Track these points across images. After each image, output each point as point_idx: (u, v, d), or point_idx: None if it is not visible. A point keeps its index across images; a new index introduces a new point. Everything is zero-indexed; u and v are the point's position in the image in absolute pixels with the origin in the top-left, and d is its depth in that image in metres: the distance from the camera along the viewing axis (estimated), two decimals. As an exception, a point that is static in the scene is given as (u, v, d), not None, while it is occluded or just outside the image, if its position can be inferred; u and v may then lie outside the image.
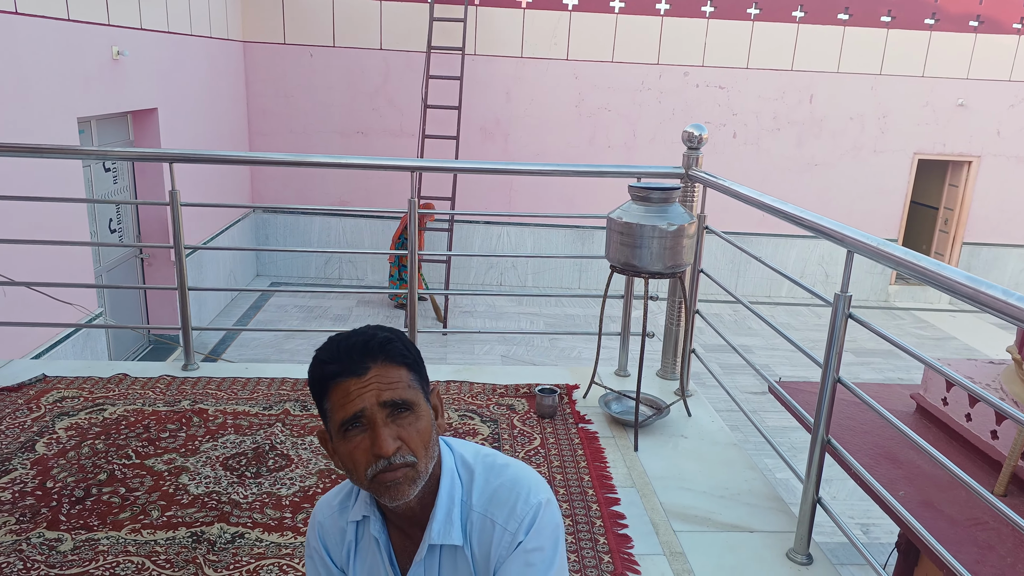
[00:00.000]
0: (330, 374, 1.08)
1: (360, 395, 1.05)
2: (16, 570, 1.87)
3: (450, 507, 1.13)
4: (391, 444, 1.05)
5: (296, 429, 2.64)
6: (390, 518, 1.19)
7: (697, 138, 2.94)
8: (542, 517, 1.12)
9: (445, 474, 1.15)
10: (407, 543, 1.18)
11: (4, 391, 2.83)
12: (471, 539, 1.13)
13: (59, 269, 4.84)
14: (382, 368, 1.07)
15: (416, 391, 1.11)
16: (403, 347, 1.12)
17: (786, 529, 2.20)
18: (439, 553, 1.14)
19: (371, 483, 1.07)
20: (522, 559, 1.10)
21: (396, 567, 1.18)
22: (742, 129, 9.14)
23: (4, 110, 4.43)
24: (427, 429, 1.10)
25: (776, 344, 7.86)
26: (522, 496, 1.13)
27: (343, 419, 1.06)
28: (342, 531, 1.23)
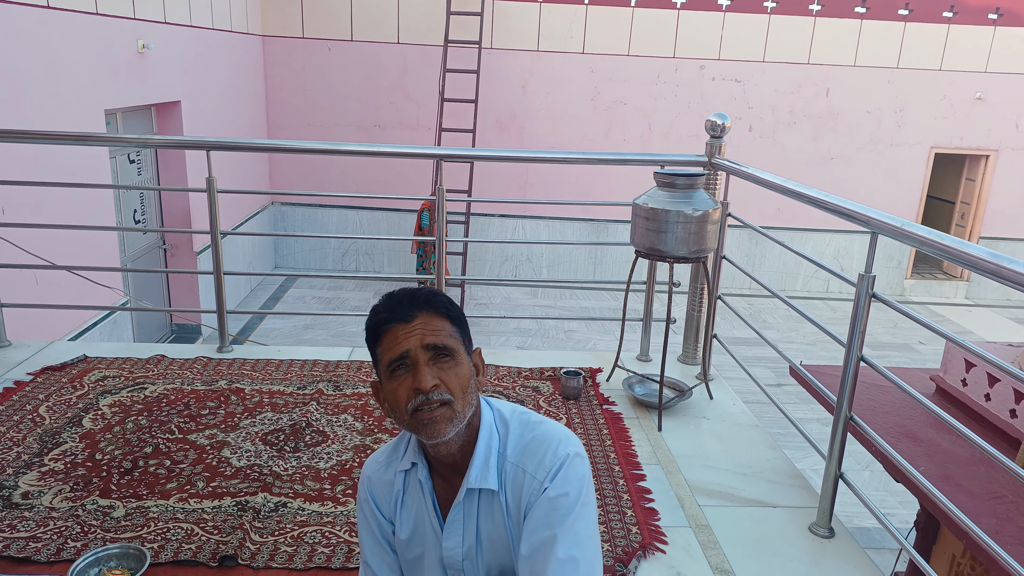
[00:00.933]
0: (381, 321, 1.21)
1: (406, 338, 1.18)
2: (75, 533, 1.96)
3: (487, 456, 1.23)
4: (429, 380, 1.16)
5: (330, 408, 2.73)
6: (434, 467, 1.29)
7: (720, 127, 3.00)
8: (568, 467, 1.21)
9: (484, 426, 1.25)
10: (449, 491, 1.28)
11: (49, 370, 2.93)
12: (506, 488, 1.23)
13: (87, 258, 4.96)
14: (426, 317, 1.20)
15: (456, 341, 1.22)
16: (447, 301, 1.25)
17: (808, 505, 2.26)
18: (477, 497, 1.24)
19: (411, 419, 1.18)
20: (548, 504, 1.18)
21: (438, 510, 1.28)
22: (758, 123, 9.15)
23: (36, 101, 4.55)
24: (465, 375, 1.21)
25: (790, 337, 7.90)
26: (551, 448, 1.22)
27: (391, 359, 1.19)
28: (390, 483, 1.33)
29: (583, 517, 1.20)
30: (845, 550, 2.07)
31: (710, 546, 2.05)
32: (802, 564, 2.00)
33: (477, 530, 1.25)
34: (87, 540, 1.94)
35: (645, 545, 2.01)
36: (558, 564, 1.15)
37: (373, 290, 8.91)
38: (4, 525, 1.99)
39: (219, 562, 1.88)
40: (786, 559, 2.01)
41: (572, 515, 1.19)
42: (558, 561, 1.15)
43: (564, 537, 1.17)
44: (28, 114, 4.42)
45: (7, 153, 3.80)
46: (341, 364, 3.14)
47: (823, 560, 2.03)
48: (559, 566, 1.15)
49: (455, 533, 1.25)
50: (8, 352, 3.14)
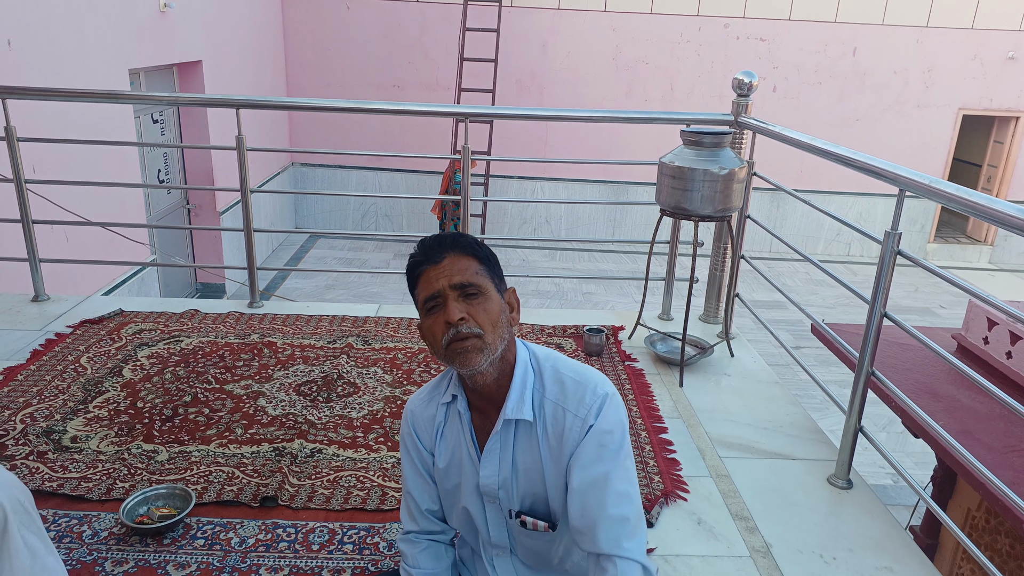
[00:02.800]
0: (416, 264, 1.31)
1: (437, 278, 1.27)
2: (122, 475, 2.06)
3: (523, 390, 1.31)
4: (457, 313, 1.24)
5: (360, 361, 2.80)
6: (472, 402, 1.37)
7: (747, 85, 2.98)
8: (609, 406, 1.28)
9: (519, 363, 1.33)
10: (486, 423, 1.36)
11: (87, 323, 3.03)
12: (545, 423, 1.30)
13: (115, 218, 5.04)
14: (454, 257, 1.28)
15: (485, 279, 1.29)
16: (474, 242, 1.31)
17: (827, 458, 2.31)
18: (514, 428, 1.32)
19: (447, 351, 1.26)
20: (596, 440, 1.26)
21: (475, 441, 1.36)
22: (783, 83, 9.01)
23: (63, 62, 4.59)
24: (495, 311, 1.28)
25: (810, 300, 7.89)
26: (590, 388, 1.29)
27: (424, 298, 1.28)
28: (431, 417, 1.41)
29: (629, 454, 1.30)
30: (863, 500, 2.13)
31: (730, 495, 2.11)
32: (820, 513, 2.06)
33: (513, 460, 1.32)
34: (134, 481, 2.04)
35: (667, 493, 2.08)
36: (615, 496, 1.25)
37: (393, 251, 8.99)
38: (57, 466, 2.09)
39: (260, 503, 1.97)
40: (804, 508, 2.08)
41: (621, 452, 1.27)
42: (616, 493, 1.25)
43: (616, 472, 1.26)
44: (56, 75, 4.46)
45: (36, 112, 3.85)
46: (369, 320, 3.21)
47: (841, 509, 2.09)
48: (616, 498, 1.25)
49: (492, 462, 1.33)
50: (47, 306, 3.24)
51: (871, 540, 1.96)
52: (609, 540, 1.24)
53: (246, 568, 1.75)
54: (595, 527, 1.25)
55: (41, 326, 3.03)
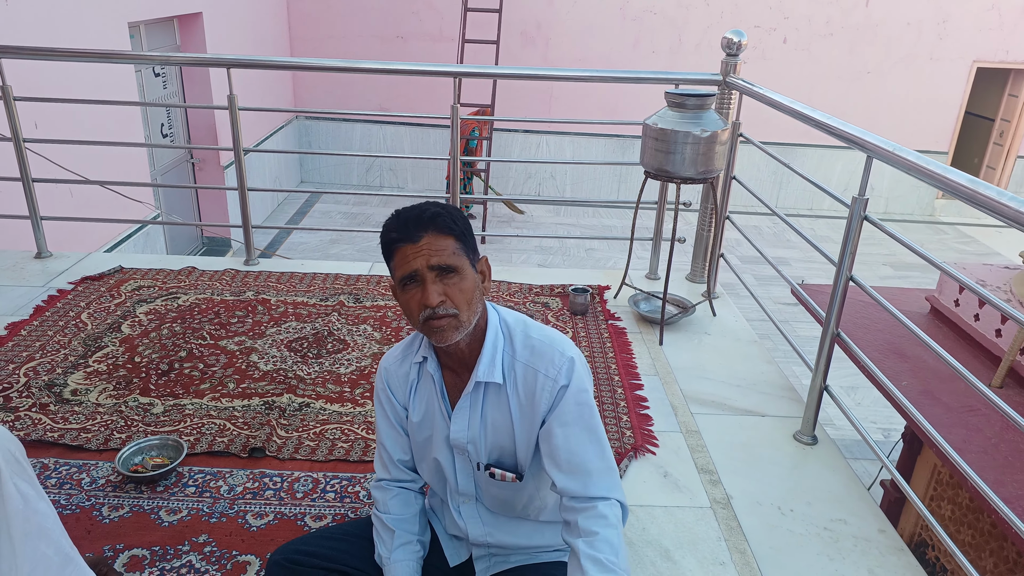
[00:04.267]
0: (392, 240, 1.34)
1: (415, 257, 1.31)
2: (119, 426, 2.18)
3: (493, 354, 1.39)
4: (435, 298, 1.30)
5: (351, 319, 2.89)
6: (444, 361, 1.45)
7: (736, 44, 2.97)
8: (577, 366, 1.38)
9: (490, 328, 1.40)
10: (457, 382, 1.44)
11: (88, 280, 3.13)
12: (516, 383, 1.39)
13: (118, 171, 5.10)
14: (432, 237, 1.31)
15: (461, 257, 1.34)
16: (451, 220, 1.34)
17: (796, 415, 2.40)
18: (483, 389, 1.41)
19: (423, 326, 1.33)
20: (573, 399, 1.36)
21: (447, 398, 1.45)
22: (793, 34, 8.82)
23: (58, 14, 4.59)
24: (470, 289, 1.34)
25: (812, 256, 7.88)
26: (558, 350, 1.38)
27: (402, 276, 1.33)
28: (405, 375, 1.50)
29: (596, 411, 1.40)
30: (826, 456, 2.22)
31: (698, 449, 2.20)
32: (783, 468, 2.16)
33: (482, 417, 1.41)
34: (131, 432, 2.16)
35: (637, 447, 2.17)
36: (599, 448, 1.36)
37: (397, 206, 9.00)
38: (58, 418, 2.21)
39: (249, 453, 2.09)
40: (768, 463, 2.17)
41: (592, 407, 1.38)
42: (598, 445, 1.37)
43: (596, 427, 1.38)
44: (55, 27, 4.47)
45: (36, 68, 3.89)
46: (361, 278, 3.29)
47: (804, 464, 2.18)
48: (600, 449, 1.37)
49: (462, 419, 1.42)
50: (50, 262, 3.34)
51: (830, 494, 2.06)
52: (601, 487, 1.35)
53: (233, 514, 1.87)
54: (587, 478, 1.34)
55: (44, 282, 3.14)
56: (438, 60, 8.90)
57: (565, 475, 1.35)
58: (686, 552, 1.81)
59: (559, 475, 1.36)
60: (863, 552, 1.85)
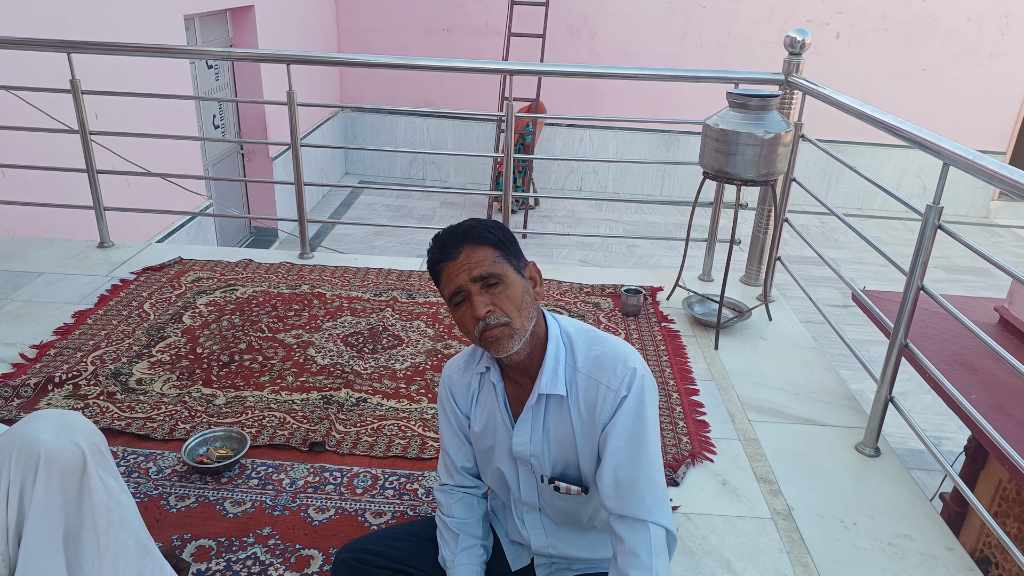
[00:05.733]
0: (435, 261, 1.36)
1: (456, 274, 1.32)
2: (183, 416, 2.23)
3: (555, 365, 1.38)
4: (483, 308, 1.30)
5: (404, 314, 2.92)
6: (506, 372, 1.45)
7: (800, 43, 2.90)
8: (641, 379, 1.35)
9: (551, 339, 1.39)
10: (519, 393, 1.44)
11: (149, 270, 3.21)
12: (577, 396, 1.37)
13: (172, 161, 5.21)
14: (470, 250, 1.32)
15: (503, 264, 1.33)
16: (485, 230, 1.35)
17: (856, 425, 2.35)
18: (546, 402, 1.40)
19: (480, 340, 1.34)
20: (629, 410, 1.33)
21: (509, 409, 1.45)
22: (846, 29, 8.60)
23: (121, 9, 4.70)
24: (518, 295, 1.33)
25: (863, 258, 7.71)
26: (621, 361, 1.36)
27: (449, 294, 1.34)
28: (467, 384, 1.50)
29: (657, 426, 1.38)
30: (889, 469, 2.17)
31: (757, 458, 2.17)
32: (845, 479, 2.11)
33: (544, 429, 1.40)
34: (194, 423, 2.21)
35: (694, 454, 2.15)
36: (648, 465, 1.33)
37: (440, 200, 9.06)
38: (124, 406, 2.27)
39: (309, 447, 2.12)
40: (829, 474, 2.13)
41: (654, 423, 1.36)
42: (648, 463, 1.33)
43: (650, 443, 1.34)
44: (113, 23, 4.58)
45: (95, 59, 3.97)
46: (413, 274, 3.31)
47: (866, 477, 2.13)
48: (649, 467, 1.33)
49: (524, 431, 1.41)
50: (112, 252, 3.43)
51: (893, 508, 2.01)
52: (643, 507, 1.31)
53: (296, 507, 1.90)
54: (628, 495, 1.32)
55: (107, 272, 3.22)
56: (483, 53, 8.89)
57: (607, 487, 1.34)
58: (747, 564, 1.79)
59: (602, 486, 1.34)
60: (930, 570, 1.81)
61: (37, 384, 2.33)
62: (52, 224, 3.93)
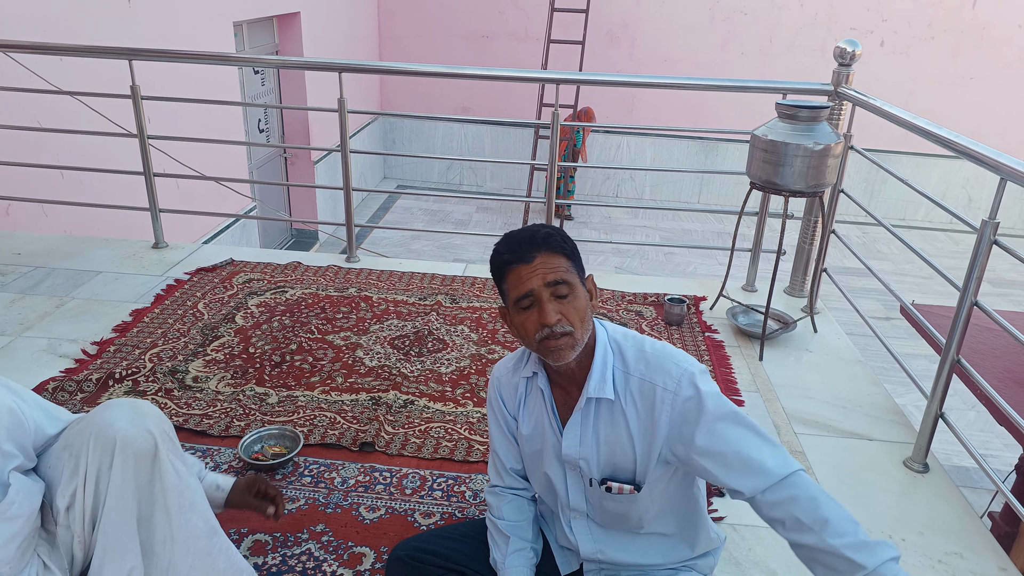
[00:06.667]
0: (505, 262, 1.37)
1: (529, 278, 1.33)
2: (238, 414, 2.30)
3: (604, 370, 1.40)
4: (553, 316, 1.32)
5: (448, 319, 2.96)
6: (553, 377, 1.47)
7: (850, 54, 2.88)
8: (698, 375, 1.36)
9: (599, 345, 1.41)
10: (566, 398, 1.46)
11: (203, 271, 3.31)
12: (633, 399, 1.39)
13: (219, 163, 5.34)
14: (545, 256, 1.34)
15: (573, 275, 1.36)
16: (562, 240, 1.38)
17: (905, 440, 2.32)
18: (595, 406, 1.42)
19: (539, 345, 1.36)
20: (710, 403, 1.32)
21: (557, 414, 1.47)
22: (891, 37, 8.48)
23: (175, 18, 4.85)
24: (583, 307, 1.36)
25: (906, 270, 7.58)
26: (675, 362, 1.38)
27: (517, 297, 1.35)
28: (515, 386, 1.53)
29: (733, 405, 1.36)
30: (938, 485, 2.15)
31: (803, 471, 2.16)
32: (893, 495, 2.10)
33: (594, 433, 1.43)
34: (249, 421, 2.28)
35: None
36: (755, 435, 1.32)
37: (476, 204, 9.12)
38: (182, 403, 2.35)
39: (359, 447, 2.17)
40: (877, 489, 2.11)
41: (726, 401, 1.34)
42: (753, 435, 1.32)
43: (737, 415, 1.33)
44: (169, 30, 4.72)
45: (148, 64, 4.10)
46: (457, 279, 3.36)
47: (914, 493, 2.11)
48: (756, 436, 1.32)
49: (573, 435, 1.43)
50: (166, 253, 3.54)
51: (943, 525, 1.99)
52: (779, 469, 1.29)
53: (348, 506, 1.95)
54: (762, 467, 1.29)
55: (162, 272, 3.33)
56: (522, 60, 8.95)
57: (742, 475, 1.30)
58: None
59: (737, 478, 1.31)
60: (982, 589, 1.79)
61: (99, 380, 2.42)
62: (106, 224, 4.07)
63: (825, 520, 1.25)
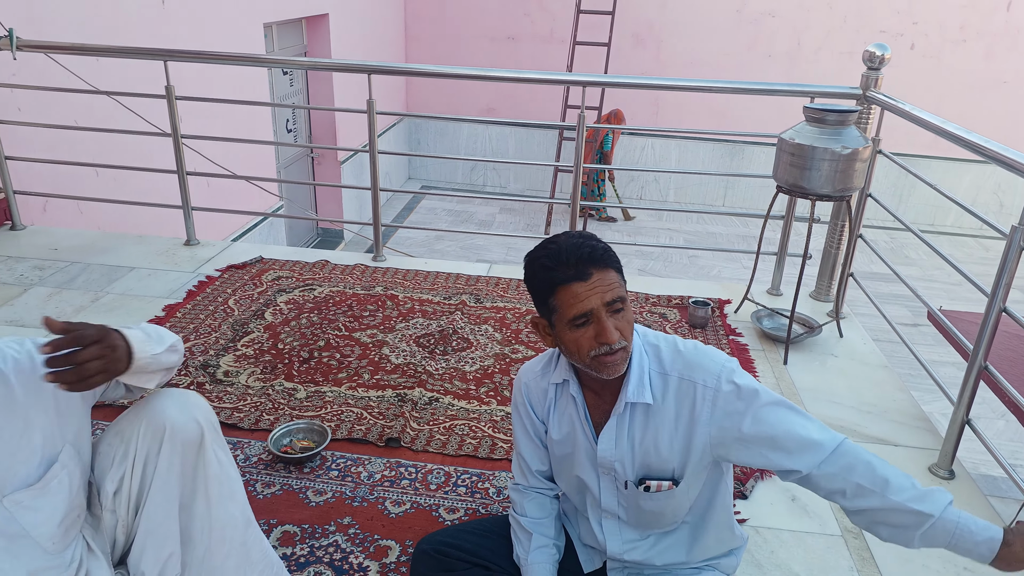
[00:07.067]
0: (559, 279, 1.32)
1: (587, 296, 1.30)
2: (267, 408, 2.35)
3: (641, 374, 1.40)
4: (615, 335, 1.31)
5: (473, 318, 2.99)
6: (584, 382, 1.47)
7: (879, 58, 2.87)
8: (736, 371, 1.37)
9: (635, 349, 1.41)
10: (598, 402, 1.47)
11: (233, 268, 3.37)
12: (671, 399, 1.39)
13: (248, 162, 5.43)
14: (601, 272, 1.32)
15: (623, 289, 1.36)
16: (612, 254, 1.37)
17: (931, 447, 2.31)
18: (631, 409, 1.42)
19: (592, 361, 1.34)
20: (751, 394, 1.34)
21: (590, 420, 1.47)
22: (922, 40, 8.36)
23: (207, 19, 4.93)
24: (632, 318, 1.37)
25: (933, 275, 7.47)
26: (712, 359, 1.39)
27: (575, 315, 1.32)
28: (544, 391, 1.54)
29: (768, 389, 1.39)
30: (964, 492, 2.13)
31: (827, 475, 2.16)
32: (918, 501, 2.08)
33: (630, 436, 1.43)
34: (277, 415, 2.32)
35: (763, 469, 2.15)
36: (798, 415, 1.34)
37: (499, 205, 9.15)
38: (213, 396, 2.41)
39: (385, 443, 2.21)
40: (902, 495, 2.10)
41: (765, 389, 1.36)
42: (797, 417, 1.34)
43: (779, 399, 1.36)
44: (201, 31, 4.81)
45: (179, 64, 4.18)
46: (481, 279, 3.39)
47: (940, 500, 2.10)
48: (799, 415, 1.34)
49: (609, 439, 1.44)
50: (197, 250, 3.61)
51: (969, 532, 1.97)
52: (828, 442, 1.31)
53: (374, 499, 1.99)
54: (814, 442, 1.31)
55: (193, 268, 3.40)
56: (547, 61, 8.97)
57: (798, 454, 1.32)
58: (817, 579, 1.79)
59: (794, 457, 1.32)
60: (1008, 597, 1.77)
61: (133, 372, 2.48)
62: (137, 221, 4.16)
63: (885, 480, 1.28)
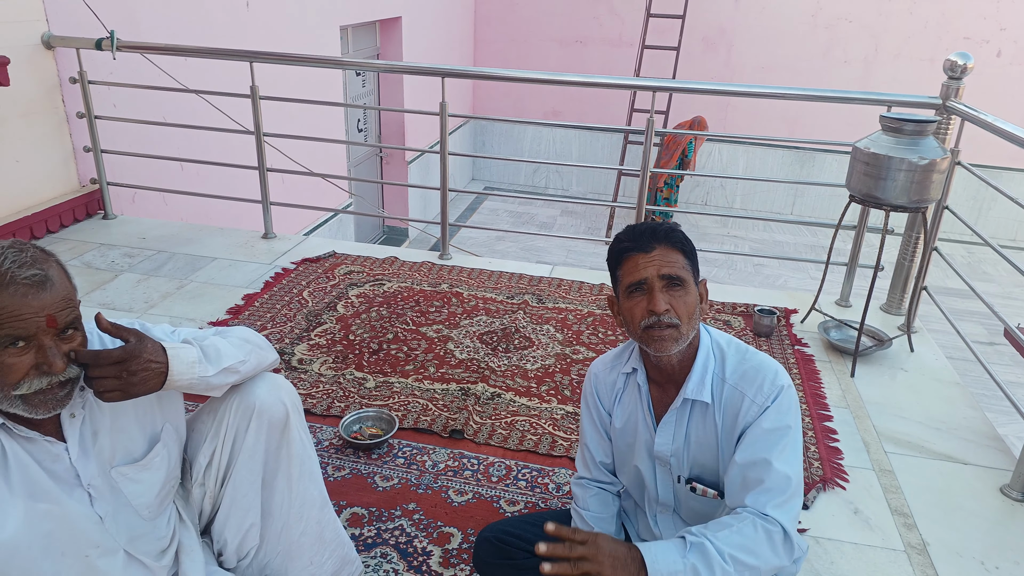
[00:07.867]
0: (624, 249, 1.42)
1: (645, 266, 1.38)
2: (339, 396, 2.46)
3: (703, 373, 1.43)
4: (662, 305, 1.36)
5: (535, 318, 3.05)
6: (652, 375, 1.51)
7: (961, 67, 2.80)
8: (785, 395, 1.39)
9: (702, 348, 1.44)
10: (663, 397, 1.50)
11: (307, 261, 3.52)
12: (722, 405, 1.42)
13: (321, 160, 5.62)
14: (664, 249, 1.38)
15: (687, 272, 1.40)
16: (683, 236, 1.42)
17: (1003, 467, 2.24)
18: (690, 407, 1.45)
19: (643, 333, 1.39)
20: (770, 424, 1.36)
21: (652, 411, 1.51)
22: (1010, 47, 8.01)
23: (288, 21, 5.14)
24: (692, 303, 1.39)
25: (1013, 293, 7.15)
26: (769, 377, 1.40)
27: (630, 283, 1.40)
28: (612, 383, 1.58)
29: (796, 441, 1.38)
30: (1038, 516, 2.07)
31: (892, 490, 2.13)
32: (987, 521, 2.03)
33: (687, 433, 1.47)
34: (348, 403, 2.43)
35: (826, 479, 2.13)
36: (776, 475, 1.32)
37: (560, 208, 9.19)
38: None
39: (449, 434, 2.28)
40: (969, 514, 2.05)
41: (788, 437, 1.36)
42: (776, 473, 1.32)
43: (781, 455, 1.34)
44: (282, 32, 5.02)
45: (260, 65, 4.36)
46: (543, 280, 3.44)
47: (1010, 521, 2.04)
48: (777, 477, 1.32)
49: (667, 432, 1.48)
50: (274, 243, 3.78)
51: (1042, 556, 1.92)
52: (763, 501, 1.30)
53: (438, 488, 2.06)
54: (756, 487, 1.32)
55: (270, 260, 3.56)
56: (614, 65, 8.96)
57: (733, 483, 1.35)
58: (878, 593, 1.77)
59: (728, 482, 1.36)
60: (1082, 625, 1.72)
61: (215, 356, 2.63)
62: (216, 214, 4.37)
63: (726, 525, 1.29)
